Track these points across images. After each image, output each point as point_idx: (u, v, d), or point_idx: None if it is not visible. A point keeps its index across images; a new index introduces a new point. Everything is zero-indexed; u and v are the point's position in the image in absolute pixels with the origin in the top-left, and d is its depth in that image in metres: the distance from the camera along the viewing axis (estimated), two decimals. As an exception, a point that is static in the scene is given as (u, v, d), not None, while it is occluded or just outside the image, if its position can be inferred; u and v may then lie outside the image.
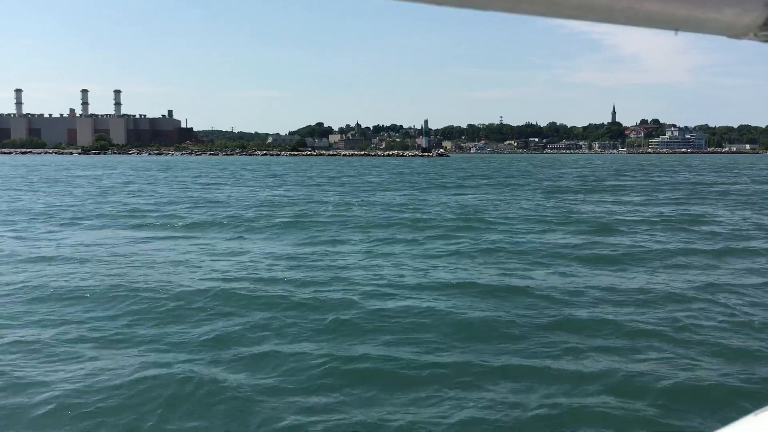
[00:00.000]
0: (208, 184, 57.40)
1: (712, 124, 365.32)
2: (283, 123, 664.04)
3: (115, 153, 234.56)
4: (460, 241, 21.50)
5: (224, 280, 14.93)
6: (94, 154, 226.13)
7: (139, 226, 25.49)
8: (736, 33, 0.94)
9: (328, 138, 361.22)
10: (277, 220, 27.74)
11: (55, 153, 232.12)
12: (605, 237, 22.49)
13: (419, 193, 46.34)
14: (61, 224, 26.22)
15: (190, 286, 14.25)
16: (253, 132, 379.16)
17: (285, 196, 42.70)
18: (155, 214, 29.90)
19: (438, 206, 35.40)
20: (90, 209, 32.66)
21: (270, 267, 16.63)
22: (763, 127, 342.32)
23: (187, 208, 33.85)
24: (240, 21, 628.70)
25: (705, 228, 25.26)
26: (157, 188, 51.29)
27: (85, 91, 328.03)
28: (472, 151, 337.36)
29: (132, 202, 36.95)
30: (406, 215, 30.05)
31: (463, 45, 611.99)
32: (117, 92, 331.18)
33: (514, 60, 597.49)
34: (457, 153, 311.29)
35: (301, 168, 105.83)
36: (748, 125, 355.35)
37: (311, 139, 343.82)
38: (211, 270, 16.20)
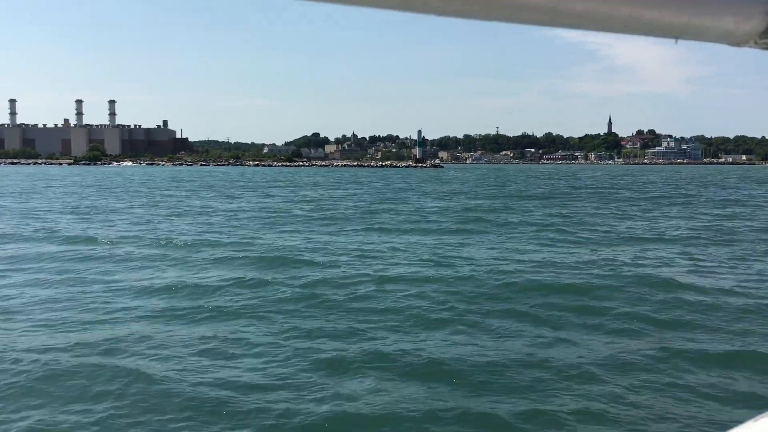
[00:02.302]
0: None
1: (708, 135, 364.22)
2: (279, 133, 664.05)
3: (105, 164, 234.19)
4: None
5: None
6: (84, 164, 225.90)
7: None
8: (736, 41, 0.93)
9: (324, 148, 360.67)
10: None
11: (44, 164, 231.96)
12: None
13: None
14: None
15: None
16: (249, 142, 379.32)
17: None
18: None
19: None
20: None
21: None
22: (759, 138, 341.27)
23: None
24: (237, 30, 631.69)
25: None
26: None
27: (79, 102, 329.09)
28: (468, 162, 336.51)
29: None
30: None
31: (460, 54, 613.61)
32: (112, 102, 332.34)
33: (510, 70, 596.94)
34: (452, 163, 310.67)
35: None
36: (744, 136, 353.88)
37: (307, 149, 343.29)
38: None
